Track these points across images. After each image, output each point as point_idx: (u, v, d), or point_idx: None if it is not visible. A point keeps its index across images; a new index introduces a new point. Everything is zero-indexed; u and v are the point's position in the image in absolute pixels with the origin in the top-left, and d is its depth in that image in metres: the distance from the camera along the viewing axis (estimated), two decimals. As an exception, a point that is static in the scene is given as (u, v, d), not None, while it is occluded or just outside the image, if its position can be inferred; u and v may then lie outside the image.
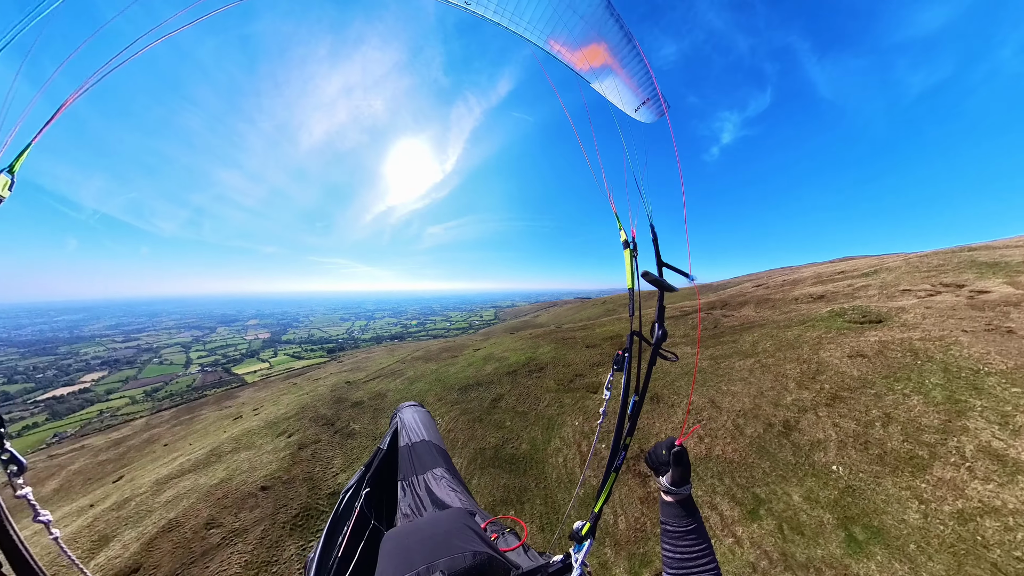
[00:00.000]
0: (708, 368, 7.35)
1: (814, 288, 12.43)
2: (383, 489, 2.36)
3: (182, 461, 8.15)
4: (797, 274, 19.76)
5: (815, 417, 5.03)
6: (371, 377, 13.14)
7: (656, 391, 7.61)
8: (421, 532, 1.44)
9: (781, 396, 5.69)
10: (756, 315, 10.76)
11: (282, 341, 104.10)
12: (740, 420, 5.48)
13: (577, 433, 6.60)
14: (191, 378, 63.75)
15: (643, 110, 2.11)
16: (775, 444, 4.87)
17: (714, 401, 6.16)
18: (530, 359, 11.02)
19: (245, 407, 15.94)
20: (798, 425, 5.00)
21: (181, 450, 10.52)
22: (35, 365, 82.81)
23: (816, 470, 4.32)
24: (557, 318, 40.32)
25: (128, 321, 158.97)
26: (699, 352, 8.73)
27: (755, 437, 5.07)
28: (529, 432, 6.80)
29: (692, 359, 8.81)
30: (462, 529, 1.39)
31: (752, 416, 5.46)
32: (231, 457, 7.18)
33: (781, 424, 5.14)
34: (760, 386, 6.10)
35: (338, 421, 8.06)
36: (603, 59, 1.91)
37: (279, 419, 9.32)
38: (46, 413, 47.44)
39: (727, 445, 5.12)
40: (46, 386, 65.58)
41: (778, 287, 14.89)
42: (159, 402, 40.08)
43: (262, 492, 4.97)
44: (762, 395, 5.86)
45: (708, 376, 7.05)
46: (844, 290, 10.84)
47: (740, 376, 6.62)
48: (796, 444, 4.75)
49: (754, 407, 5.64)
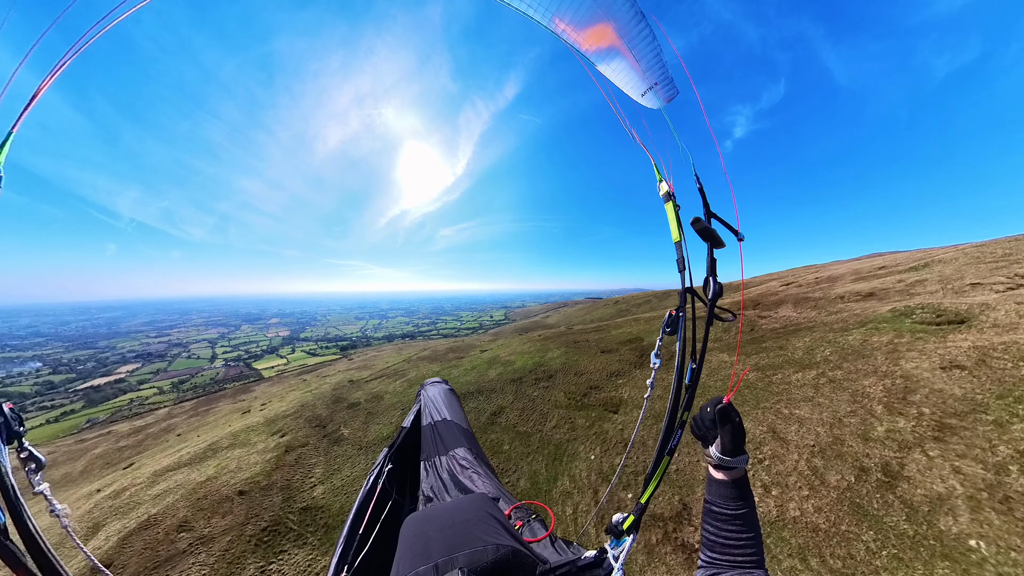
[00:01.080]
0: (758, 383, 5.94)
1: (857, 285, 11.10)
2: (406, 467, 2.32)
3: (183, 453, 8.14)
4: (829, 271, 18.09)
5: (924, 458, 3.57)
6: (375, 376, 12.98)
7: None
8: (441, 519, 1.32)
9: (869, 425, 4.21)
10: (799, 316, 9.45)
11: (300, 339, 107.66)
12: (818, 461, 3.92)
13: (593, 472, 5.01)
14: (215, 371, 66.68)
15: (650, 95, 2.00)
16: (877, 502, 3.33)
17: (776, 431, 4.53)
18: (538, 364, 10.18)
19: (256, 401, 16.20)
20: (904, 470, 3.54)
21: (188, 441, 10.63)
22: (77, 358, 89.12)
23: (947, 547, 2.87)
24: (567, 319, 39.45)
25: (161, 319, 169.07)
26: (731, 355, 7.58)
27: (845, 489, 3.56)
28: (531, 462, 5.52)
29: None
30: (484, 518, 1.27)
31: (834, 455, 3.93)
32: (225, 453, 7.05)
33: (879, 468, 3.61)
34: (835, 409, 4.65)
35: (330, 423, 7.73)
36: (610, 40, 1.81)
37: (279, 416, 9.21)
38: (83, 400, 50.66)
39: (805, 501, 3.59)
40: (86, 376, 70.32)
41: (812, 285, 13.51)
42: (183, 393, 42.04)
43: (239, 497, 4.72)
44: (841, 423, 4.39)
45: (760, 394, 5.57)
46: (895, 286, 9.48)
47: (803, 395, 5.14)
48: (908, 502, 3.24)
49: (834, 441, 4.12)
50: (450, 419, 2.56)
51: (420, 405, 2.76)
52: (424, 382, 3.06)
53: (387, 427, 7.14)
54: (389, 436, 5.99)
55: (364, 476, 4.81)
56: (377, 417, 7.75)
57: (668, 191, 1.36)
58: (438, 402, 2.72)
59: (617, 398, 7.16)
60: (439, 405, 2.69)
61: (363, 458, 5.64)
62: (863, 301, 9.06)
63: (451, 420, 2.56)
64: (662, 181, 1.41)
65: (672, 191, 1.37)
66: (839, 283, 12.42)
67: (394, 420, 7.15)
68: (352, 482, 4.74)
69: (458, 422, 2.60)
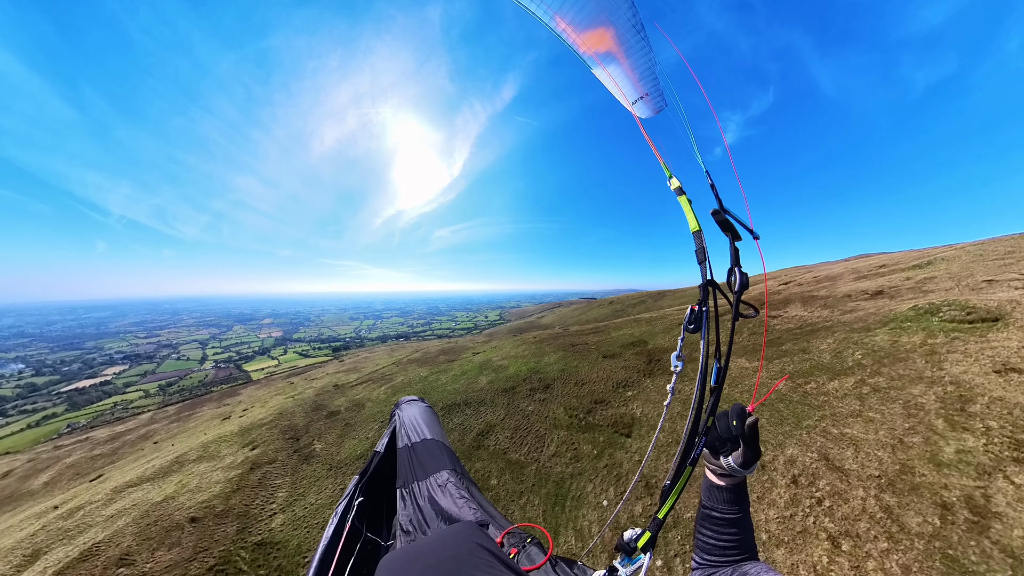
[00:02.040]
0: (792, 395, 5.15)
1: (861, 283, 10.76)
2: (380, 497, 2.12)
3: (151, 466, 7.59)
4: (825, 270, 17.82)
5: (1010, 486, 2.90)
6: (361, 380, 12.46)
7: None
8: (424, 558, 1.19)
9: (934, 446, 3.48)
10: (811, 315, 8.93)
11: (293, 339, 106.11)
12: (890, 498, 3.11)
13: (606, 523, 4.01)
14: (204, 374, 65.25)
15: (640, 104, 2.05)
16: (973, 552, 2.59)
17: (829, 458, 3.72)
18: (533, 371, 9.25)
19: (239, 406, 15.60)
20: (991, 504, 2.81)
21: (161, 451, 10.04)
22: (62, 359, 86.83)
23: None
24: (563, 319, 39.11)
25: (151, 319, 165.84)
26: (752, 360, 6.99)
27: (931, 536, 2.76)
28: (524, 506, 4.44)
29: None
30: (474, 551, 1.17)
31: (907, 488, 3.12)
32: (191, 468, 6.54)
33: (964, 503, 2.89)
34: (891, 427, 3.89)
35: (305, 436, 7.19)
36: (607, 46, 1.83)
37: (255, 425, 8.69)
38: (66, 404, 49.14)
39: (887, 557, 2.74)
40: (71, 378, 68.41)
41: (813, 283, 13.21)
42: (169, 397, 40.91)
43: (190, 525, 4.21)
44: (902, 444, 3.62)
45: (798, 409, 4.72)
46: (904, 284, 9.15)
47: (849, 409, 4.45)
48: (1008, 549, 2.54)
49: (902, 469, 3.34)
50: (430, 438, 2.35)
51: (395, 426, 2.52)
52: (399, 400, 2.80)
53: (362, 444, 6.56)
54: (363, 455, 5.45)
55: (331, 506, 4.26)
56: (354, 430, 7.19)
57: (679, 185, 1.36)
58: (416, 421, 2.50)
59: (628, 416, 5.98)
60: (417, 424, 2.47)
61: (331, 481, 5.10)
62: (874, 299, 8.69)
63: (431, 439, 2.35)
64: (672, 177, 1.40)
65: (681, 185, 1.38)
66: (840, 282, 12.13)
67: (371, 435, 6.56)
68: (316, 512, 4.21)
69: (439, 439, 2.39)
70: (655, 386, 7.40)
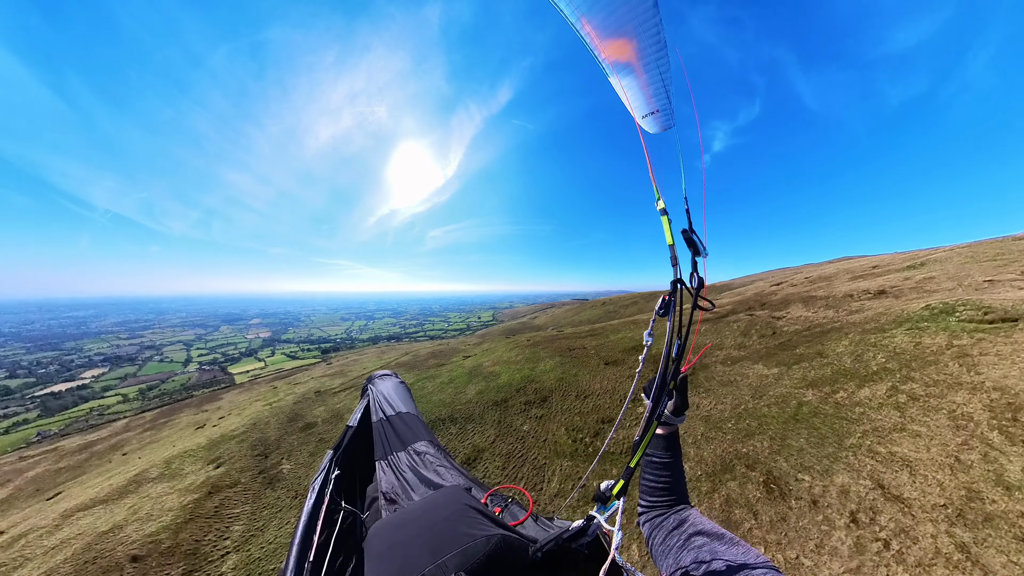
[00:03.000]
0: (823, 407, 4.63)
1: (859, 283, 10.41)
2: (353, 471, 2.09)
3: (108, 484, 6.98)
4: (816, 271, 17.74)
5: None
6: (345, 387, 11.93)
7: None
8: (417, 522, 1.15)
9: (996, 463, 3.09)
10: (815, 315, 8.48)
11: (281, 340, 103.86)
12: (963, 533, 2.66)
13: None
14: (186, 376, 63.26)
15: (650, 119, 2.12)
16: None
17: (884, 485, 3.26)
18: (528, 379, 8.42)
19: (216, 413, 14.88)
20: None
21: (128, 464, 9.38)
22: (39, 360, 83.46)
23: None
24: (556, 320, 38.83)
25: (135, 318, 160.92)
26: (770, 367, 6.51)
27: None
28: None
29: None
30: (463, 511, 1.16)
31: (981, 519, 2.70)
32: (148, 489, 5.97)
33: None
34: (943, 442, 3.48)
35: (275, 453, 6.55)
36: (628, 57, 1.86)
37: (226, 437, 8.11)
38: (39, 409, 47.05)
39: None
40: (47, 381, 65.72)
41: (808, 284, 12.88)
42: (149, 401, 39.36)
43: (131, 565, 3.68)
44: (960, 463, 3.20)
45: (835, 424, 4.21)
46: (903, 284, 8.89)
47: (890, 422, 4.01)
48: None
49: (968, 495, 2.91)
50: (404, 411, 2.37)
51: (368, 400, 2.53)
52: (371, 375, 2.80)
53: None
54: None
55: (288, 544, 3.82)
56: (327, 446, 6.61)
57: (663, 207, 1.58)
58: (390, 396, 2.50)
59: None
60: (391, 398, 2.48)
61: (294, 513, 4.55)
62: (877, 299, 8.38)
63: (405, 412, 2.37)
64: (659, 199, 1.60)
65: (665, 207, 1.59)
66: (837, 281, 11.88)
67: None
68: (273, 554, 3.68)
69: (413, 412, 2.41)
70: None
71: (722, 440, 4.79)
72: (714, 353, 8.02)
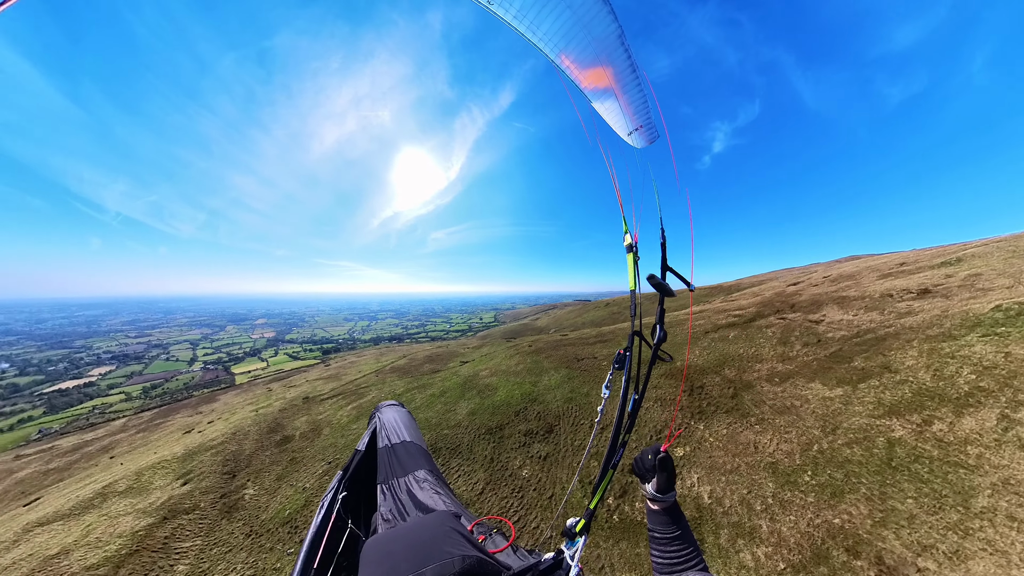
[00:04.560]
0: (923, 446, 3.70)
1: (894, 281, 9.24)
2: (361, 493, 2.27)
3: (77, 496, 6.63)
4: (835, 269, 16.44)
5: None
6: (335, 392, 11.53)
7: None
8: (405, 538, 1.32)
9: None
10: (859, 319, 7.32)
11: (285, 340, 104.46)
12: None
13: None
14: (190, 376, 63.64)
15: (635, 135, 2.24)
16: None
17: None
18: (529, 398, 7.22)
19: (209, 416, 14.63)
20: None
21: (107, 471, 9.05)
22: (49, 358, 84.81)
23: None
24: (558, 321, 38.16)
25: (144, 318, 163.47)
26: (830, 386, 5.47)
27: None
28: None
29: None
30: (448, 533, 1.31)
31: None
32: (110, 505, 5.58)
33: None
34: None
35: (244, 471, 6.08)
36: (606, 82, 2.02)
37: (204, 447, 7.73)
38: (45, 406, 47.55)
39: None
40: (55, 379, 66.58)
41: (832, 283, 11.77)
42: (149, 401, 39.47)
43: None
44: None
45: (948, 473, 3.29)
46: (948, 282, 7.78)
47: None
48: None
49: None
50: (409, 440, 2.51)
51: (375, 427, 2.69)
52: (379, 404, 2.99)
53: (297, 498, 5.04)
54: (290, 519, 4.39)
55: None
56: (297, 469, 5.95)
57: (631, 243, 1.55)
58: (396, 424, 2.66)
59: (690, 501, 3.87)
60: (397, 427, 2.64)
61: (245, 555, 3.95)
62: (923, 299, 7.35)
63: (410, 441, 2.51)
64: (627, 233, 1.56)
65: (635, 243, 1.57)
66: (864, 280, 10.78)
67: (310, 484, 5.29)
68: None
69: (417, 442, 2.55)
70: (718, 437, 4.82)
71: (802, 503, 3.64)
72: (754, 367, 6.83)
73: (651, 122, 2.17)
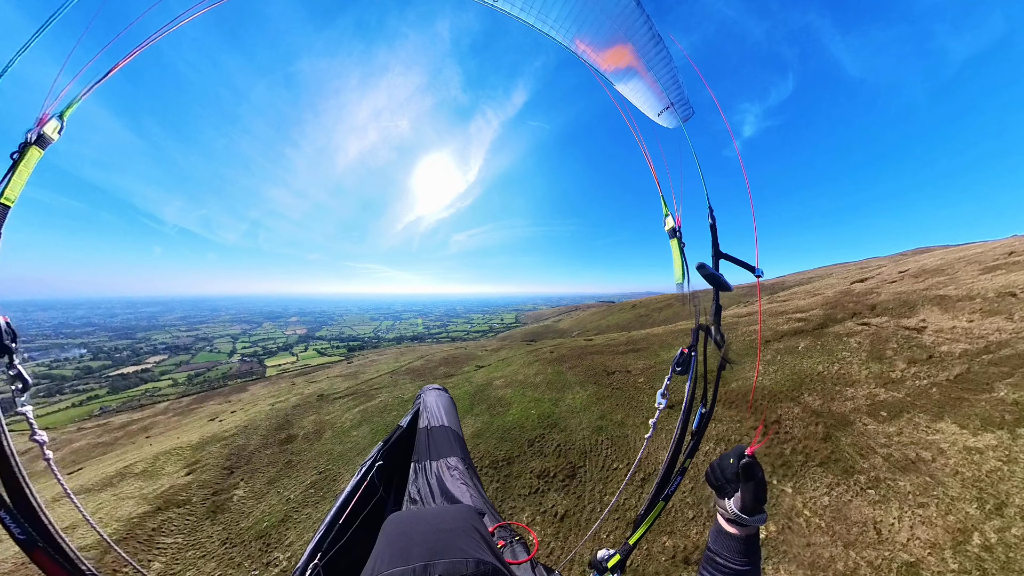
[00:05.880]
0: None
1: (1011, 277, 7.36)
2: (395, 465, 2.35)
3: (103, 472, 6.94)
4: (913, 262, 13.39)
5: None
6: (349, 392, 11.59)
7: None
8: (425, 523, 1.28)
9: None
10: (982, 327, 5.64)
11: (315, 337, 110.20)
12: None
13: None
14: (229, 367, 68.62)
15: (666, 114, 2.09)
16: None
17: None
18: (547, 421, 5.86)
19: (234, 405, 15.32)
20: None
21: (137, 451, 9.55)
22: (117, 346, 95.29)
23: None
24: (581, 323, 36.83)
25: (194, 314, 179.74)
26: (973, 429, 3.84)
27: None
28: None
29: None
30: (469, 531, 1.21)
31: None
32: (124, 485, 5.72)
33: None
34: None
35: (241, 468, 5.91)
36: (628, 61, 1.89)
37: (218, 436, 7.90)
38: (109, 387, 53.11)
39: None
40: (120, 364, 74.52)
41: (914, 279, 9.58)
42: (190, 387, 42.77)
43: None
44: None
45: None
46: None
47: None
48: None
49: None
50: (447, 425, 2.55)
51: (419, 407, 2.76)
52: (424, 387, 3.06)
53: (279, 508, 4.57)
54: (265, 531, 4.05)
55: None
56: (290, 475, 5.55)
57: (674, 226, 1.38)
58: (438, 408, 2.72)
59: None
60: (439, 411, 2.69)
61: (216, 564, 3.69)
62: None
63: (448, 427, 2.54)
64: (668, 215, 1.42)
65: (679, 226, 1.38)
66: (962, 276, 8.46)
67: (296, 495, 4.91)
68: None
69: (454, 428, 2.58)
70: (815, 509, 3.41)
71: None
72: (846, 393, 5.23)
73: (684, 98, 1.98)
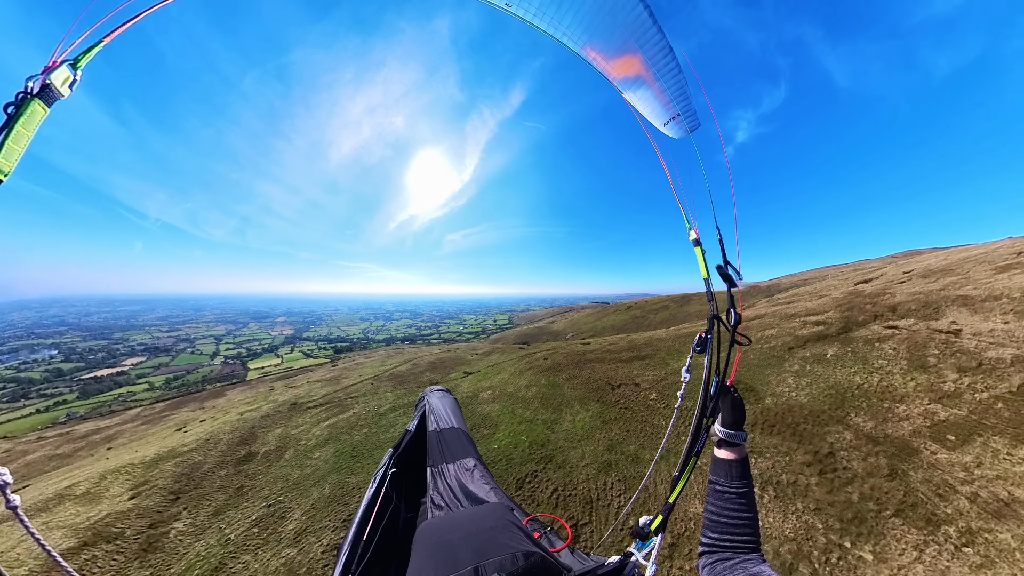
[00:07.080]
0: None
1: None
2: (409, 472, 2.32)
3: (43, 493, 6.33)
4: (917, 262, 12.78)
5: None
6: (324, 400, 11.07)
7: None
8: (463, 527, 1.35)
9: None
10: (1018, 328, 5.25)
11: (302, 338, 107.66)
12: None
13: None
14: (209, 369, 66.30)
15: (672, 125, 2.12)
16: None
17: None
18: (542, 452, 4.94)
19: (209, 412, 14.57)
20: None
21: (90, 467, 8.86)
22: (91, 348, 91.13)
23: None
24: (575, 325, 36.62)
25: (176, 314, 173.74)
26: None
27: None
28: None
29: None
30: (507, 526, 1.31)
31: None
32: (60, 510, 5.16)
33: None
34: None
35: (187, 494, 5.30)
36: (637, 70, 1.92)
37: (174, 452, 7.32)
38: (79, 392, 50.57)
39: None
40: (94, 367, 71.19)
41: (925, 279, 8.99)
42: (166, 392, 41.04)
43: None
44: None
45: None
46: None
47: None
48: None
49: None
50: (456, 427, 2.54)
51: (424, 410, 2.71)
52: (427, 389, 3.02)
53: (216, 549, 3.99)
54: (202, 570, 3.58)
55: None
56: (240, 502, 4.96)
57: (696, 238, 1.60)
58: (445, 410, 2.68)
59: None
60: (446, 413, 2.65)
61: None
62: None
63: (458, 428, 2.54)
64: (691, 229, 1.60)
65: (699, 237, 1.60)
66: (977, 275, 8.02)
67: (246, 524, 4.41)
68: None
69: (463, 429, 2.57)
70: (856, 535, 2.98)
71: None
72: (896, 411, 4.49)
73: (691, 109, 2.02)
